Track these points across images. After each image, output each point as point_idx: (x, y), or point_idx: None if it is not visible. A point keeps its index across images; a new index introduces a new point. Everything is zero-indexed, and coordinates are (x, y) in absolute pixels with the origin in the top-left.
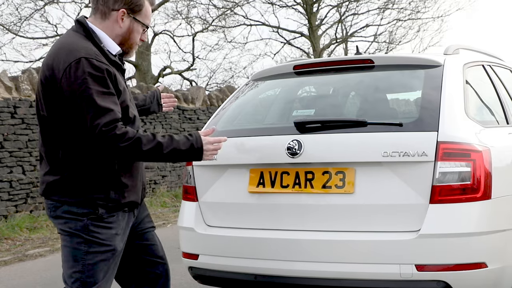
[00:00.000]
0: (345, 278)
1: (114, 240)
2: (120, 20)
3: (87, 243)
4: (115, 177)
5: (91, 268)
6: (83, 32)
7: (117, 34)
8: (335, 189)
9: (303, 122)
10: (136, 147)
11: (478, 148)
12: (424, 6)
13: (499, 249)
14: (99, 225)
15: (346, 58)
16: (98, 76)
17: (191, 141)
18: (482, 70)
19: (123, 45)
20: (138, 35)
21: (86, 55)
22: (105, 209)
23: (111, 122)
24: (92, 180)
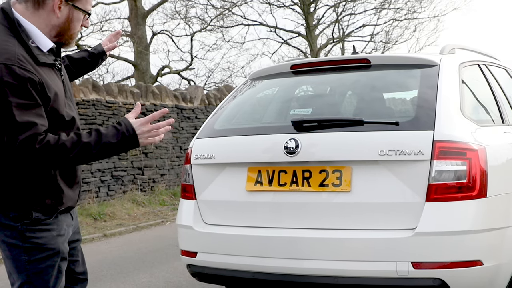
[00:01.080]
0: (342, 275)
1: (56, 241)
2: (57, 10)
3: (26, 251)
4: (51, 181)
5: (38, 277)
6: (7, 24)
7: (53, 25)
8: (332, 187)
9: (301, 121)
10: (62, 155)
11: (473, 147)
12: (420, 6)
13: (494, 247)
14: (36, 229)
15: (343, 57)
16: (19, 86)
17: (121, 130)
18: (477, 69)
19: (62, 37)
20: (79, 23)
21: (6, 61)
22: (41, 213)
23: (31, 137)
24: (25, 185)
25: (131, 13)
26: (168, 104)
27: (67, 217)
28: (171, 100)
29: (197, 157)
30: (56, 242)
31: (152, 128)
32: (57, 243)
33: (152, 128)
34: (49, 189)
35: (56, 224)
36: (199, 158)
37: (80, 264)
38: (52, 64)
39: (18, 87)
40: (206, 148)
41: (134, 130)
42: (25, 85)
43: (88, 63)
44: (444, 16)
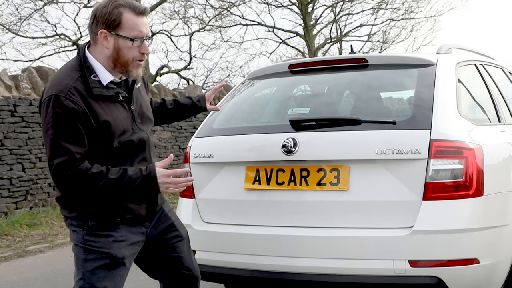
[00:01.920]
0: (340, 273)
1: (112, 247)
2: (104, 41)
3: (85, 251)
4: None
5: (90, 276)
6: (78, 60)
7: (107, 56)
8: (329, 186)
9: (298, 120)
10: (89, 185)
11: (470, 146)
12: (417, 6)
13: (491, 245)
14: (94, 233)
15: (341, 57)
16: (63, 116)
17: (144, 174)
18: (474, 69)
19: (117, 65)
20: (130, 51)
21: (57, 92)
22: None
23: (65, 163)
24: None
25: None
26: None
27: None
28: None
29: (196, 156)
30: (112, 247)
31: (173, 181)
32: (112, 248)
33: (173, 182)
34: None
35: (115, 232)
36: (198, 157)
37: (185, 260)
38: (112, 96)
39: (62, 116)
40: (205, 147)
41: (156, 179)
42: (68, 115)
43: (187, 112)
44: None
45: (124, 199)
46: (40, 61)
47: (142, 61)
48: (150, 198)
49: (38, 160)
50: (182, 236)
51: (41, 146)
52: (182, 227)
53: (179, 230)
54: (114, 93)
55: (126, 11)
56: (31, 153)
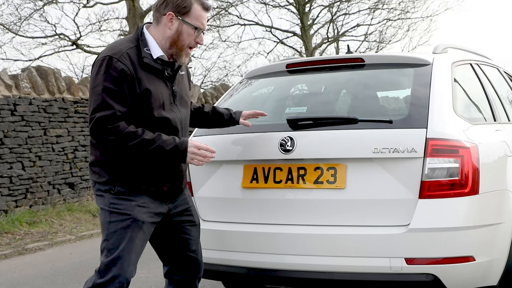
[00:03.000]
0: (337, 271)
1: (134, 210)
2: (169, 23)
3: (109, 214)
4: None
5: (113, 236)
6: (136, 35)
7: (167, 37)
8: (326, 184)
9: (296, 119)
10: (123, 141)
11: (466, 145)
12: (413, 6)
13: (486, 243)
14: (119, 197)
15: (338, 57)
16: (113, 75)
17: (177, 143)
18: (470, 68)
19: (173, 47)
20: (189, 38)
21: (111, 54)
22: (122, 187)
23: (106, 117)
24: (114, 165)
25: (129, 13)
26: None
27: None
28: None
29: None
30: (134, 210)
31: (201, 154)
32: (134, 211)
33: (201, 154)
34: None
35: (138, 197)
36: None
37: (193, 244)
38: (157, 70)
39: (111, 75)
40: None
41: (186, 149)
42: (117, 75)
43: (222, 121)
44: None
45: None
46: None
47: (192, 49)
48: (175, 177)
49: (38, 159)
50: (195, 222)
51: (40, 145)
52: (196, 214)
53: (193, 216)
54: (161, 67)
55: (196, 3)
56: (31, 152)
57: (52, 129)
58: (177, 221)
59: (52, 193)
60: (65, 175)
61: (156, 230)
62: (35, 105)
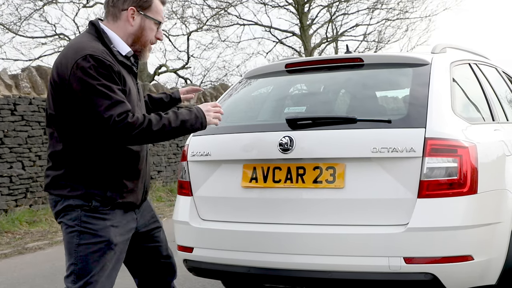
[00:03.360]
0: (336, 270)
1: (108, 231)
2: (130, 19)
3: (79, 234)
4: (116, 177)
5: (83, 260)
6: (95, 33)
7: (129, 33)
8: (325, 184)
9: (295, 119)
10: (148, 129)
11: (464, 144)
12: (412, 6)
13: (485, 242)
14: (92, 216)
15: (337, 56)
16: (104, 72)
17: (193, 110)
18: (468, 68)
19: (136, 44)
20: (151, 32)
21: (92, 52)
22: (100, 203)
23: (123, 113)
24: (92, 177)
25: None
26: None
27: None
28: None
29: (194, 154)
30: (109, 232)
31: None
32: (109, 232)
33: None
34: (112, 183)
35: (112, 216)
36: (196, 155)
37: (164, 249)
38: (129, 67)
39: (104, 73)
40: (202, 146)
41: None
42: (109, 71)
43: (164, 104)
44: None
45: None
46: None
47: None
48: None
49: (37, 158)
50: (160, 226)
51: (40, 145)
52: (158, 217)
53: (158, 220)
54: (130, 64)
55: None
56: (31, 151)
57: None
58: (145, 232)
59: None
60: None
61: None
62: (35, 105)
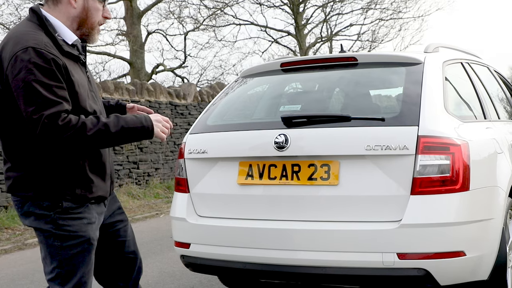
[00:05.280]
0: (331, 266)
1: (87, 229)
2: (72, 1)
3: (59, 238)
4: (81, 172)
5: (69, 262)
6: (37, 21)
7: (73, 17)
8: (320, 181)
9: (290, 117)
10: (81, 133)
11: (457, 142)
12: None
13: (477, 238)
14: (68, 217)
15: (331, 56)
16: (45, 67)
17: (140, 118)
18: (460, 67)
19: (82, 27)
20: (97, 13)
21: (34, 45)
22: (71, 202)
23: (55, 114)
24: (56, 175)
25: (127, 13)
26: (162, 101)
27: (98, 206)
28: (165, 97)
29: (190, 152)
30: (87, 230)
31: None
32: (88, 230)
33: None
34: (79, 179)
35: (87, 213)
36: (192, 152)
37: (131, 244)
38: (76, 57)
39: (45, 68)
40: (199, 143)
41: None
42: (51, 66)
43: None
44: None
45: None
46: None
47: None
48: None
49: None
50: (126, 219)
51: None
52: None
53: (124, 213)
54: (77, 53)
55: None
56: None
57: None
58: (111, 223)
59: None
60: None
61: None
62: None
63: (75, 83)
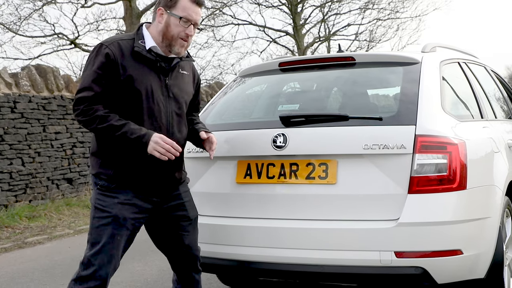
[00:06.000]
0: (328, 264)
1: (115, 208)
2: (159, 17)
3: (94, 209)
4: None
5: (95, 232)
6: (136, 31)
7: (160, 31)
8: (318, 180)
9: (288, 117)
10: (92, 124)
11: (454, 141)
12: (403, 6)
13: (474, 236)
14: (104, 194)
15: (329, 55)
16: (98, 58)
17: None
18: (457, 67)
19: (165, 39)
20: (176, 28)
21: (103, 42)
22: (106, 181)
23: (84, 98)
24: (102, 158)
25: (126, 13)
26: None
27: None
28: None
29: (189, 151)
30: (115, 208)
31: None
32: (115, 208)
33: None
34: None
35: (122, 193)
36: (191, 151)
37: (188, 239)
38: (150, 60)
39: (98, 59)
40: None
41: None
42: (101, 59)
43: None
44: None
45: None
46: (39, 59)
47: (186, 41)
48: (163, 172)
49: (37, 155)
50: (189, 217)
51: (40, 142)
52: (193, 210)
53: (188, 211)
54: (153, 58)
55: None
56: (30, 148)
57: (51, 126)
58: (171, 217)
59: (51, 188)
60: (64, 171)
61: (153, 225)
62: (35, 103)
63: (135, 81)
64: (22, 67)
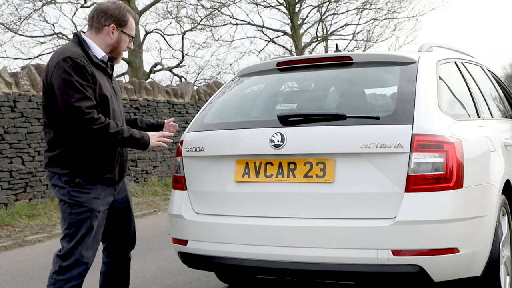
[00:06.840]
0: (326, 262)
1: (92, 202)
2: (111, 33)
3: (70, 206)
4: (94, 158)
5: (74, 225)
6: (77, 41)
7: (108, 44)
8: (316, 178)
9: (286, 116)
10: (105, 130)
11: (450, 140)
12: (400, 6)
13: (470, 235)
14: (78, 190)
15: (327, 55)
16: (79, 71)
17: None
18: (454, 66)
19: (113, 52)
20: (125, 44)
21: (71, 55)
22: (83, 180)
23: (90, 107)
24: (76, 158)
25: None
26: (160, 100)
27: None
28: (163, 95)
29: (188, 150)
30: (92, 202)
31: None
32: (92, 203)
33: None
34: (91, 163)
35: (94, 190)
36: (190, 150)
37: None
38: (103, 68)
39: (79, 72)
40: (196, 141)
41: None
42: (83, 71)
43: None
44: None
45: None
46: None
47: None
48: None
49: (37, 154)
50: (131, 207)
51: (39, 140)
52: (131, 200)
53: (130, 201)
54: (105, 65)
55: (131, 17)
56: (30, 147)
57: None
58: (119, 208)
59: (50, 187)
60: None
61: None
62: (34, 102)
63: (102, 87)
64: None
